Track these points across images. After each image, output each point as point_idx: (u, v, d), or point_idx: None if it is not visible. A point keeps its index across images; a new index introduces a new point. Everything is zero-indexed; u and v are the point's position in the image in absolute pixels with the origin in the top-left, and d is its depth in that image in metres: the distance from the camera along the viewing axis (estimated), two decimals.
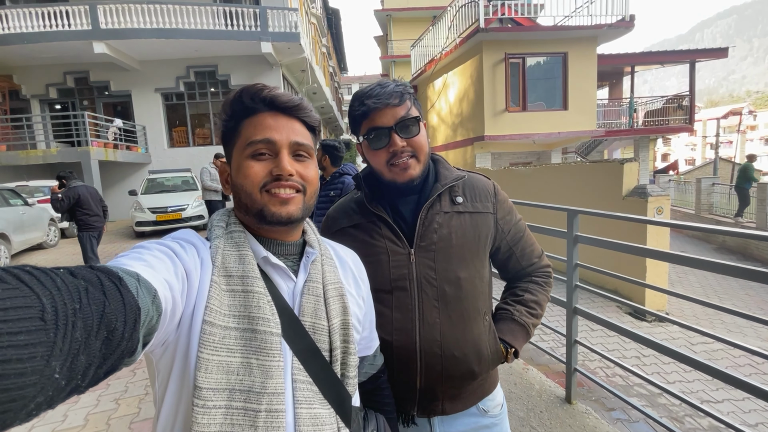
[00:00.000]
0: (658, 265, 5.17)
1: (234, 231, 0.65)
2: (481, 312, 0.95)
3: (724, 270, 1.59)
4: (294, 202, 0.65)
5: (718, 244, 9.76)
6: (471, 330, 0.93)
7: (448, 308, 0.91)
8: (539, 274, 1.07)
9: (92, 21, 10.23)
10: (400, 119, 0.88)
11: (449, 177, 0.97)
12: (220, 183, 0.72)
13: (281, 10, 11.23)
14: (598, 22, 8.96)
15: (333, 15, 23.22)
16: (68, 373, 0.33)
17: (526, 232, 1.05)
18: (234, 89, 2.67)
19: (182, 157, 12.33)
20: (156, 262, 0.53)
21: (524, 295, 1.04)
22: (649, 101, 13.99)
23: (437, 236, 0.92)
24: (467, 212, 0.96)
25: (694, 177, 15.19)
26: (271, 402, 0.56)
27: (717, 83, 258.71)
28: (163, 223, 8.46)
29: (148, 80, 12.33)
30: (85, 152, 9.61)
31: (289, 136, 0.65)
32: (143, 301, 0.43)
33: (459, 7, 9.58)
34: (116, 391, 2.72)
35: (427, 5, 20.08)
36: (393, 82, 0.92)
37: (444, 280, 0.91)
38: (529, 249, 1.05)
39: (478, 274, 0.95)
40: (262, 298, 0.59)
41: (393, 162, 0.90)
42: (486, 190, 1.00)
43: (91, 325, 0.35)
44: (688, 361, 1.80)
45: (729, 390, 3.54)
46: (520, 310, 1.02)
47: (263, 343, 0.57)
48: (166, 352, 0.56)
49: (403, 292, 0.92)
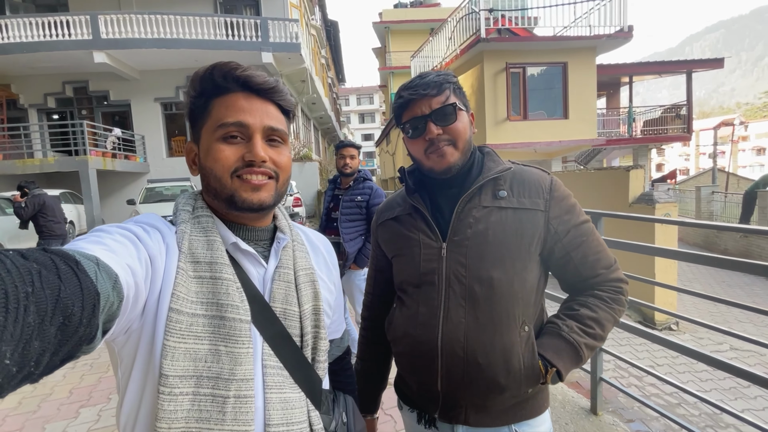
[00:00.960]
0: (668, 272, 5.12)
1: (201, 216, 0.63)
2: (518, 320, 0.85)
3: (739, 267, 1.60)
4: (266, 189, 0.63)
5: (720, 251, 9.75)
6: (501, 337, 0.83)
7: (476, 309, 0.84)
8: (605, 288, 0.90)
9: (93, 31, 10.26)
10: (435, 108, 0.85)
11: (494, 169, 0.89)
12: (187, 164, 0.68)
13: (282, 21, 11.33)
14: (597, 33, 9.08)
15: (332, 27, 23.50)
16: (20, 360, 0.31)
17: (590, 237, 0.90)
18: None
19: (181, 167, 12.23)
20: (117, 246, 0.50)
21: (580, 309, 0.88)
22: (648, 110, 14.14)
23: (471, 231, 0.85)
24: (510, 208, 0.86)
25: (690, 186, 15.30)
26: (240, 388, 0.55)
27: (707, 95, 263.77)
28: None
29: (148, 90, 12.33)
30: (83, 161, 9.51)
31: (263, 120, 0.62)
32: (102, 286, 0.41)
33: (459, 19, 9.69)
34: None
35: (425, 18, 20.37)
36: (434, 73, 0.88)
37: (474, 279, 0.84)
38: (594, 257, 0.89)
39: (518, 277, 0.85)
40: (230, 284, 0.58)
41: (430, 150, 0.87)
42: (538, 184, 0.89)
43: (45, 310, 0.34)
44: (716, 364, 1.73)
45: (748, 400, 3.46)
46: (570, 326, 0.87)
47: (232, 330, 0.56)
48: (129, 340, 0.55)
49: (431, 286, 0.87)
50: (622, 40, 9.14)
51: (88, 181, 9.49)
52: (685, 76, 12.61)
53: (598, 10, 9.03)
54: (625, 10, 8.94)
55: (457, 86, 0.89)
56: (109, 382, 2.87)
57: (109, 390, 2.77)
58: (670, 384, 2.02)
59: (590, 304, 0.89)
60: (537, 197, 0.87)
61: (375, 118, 52.95)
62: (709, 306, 6.01)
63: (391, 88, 20.29)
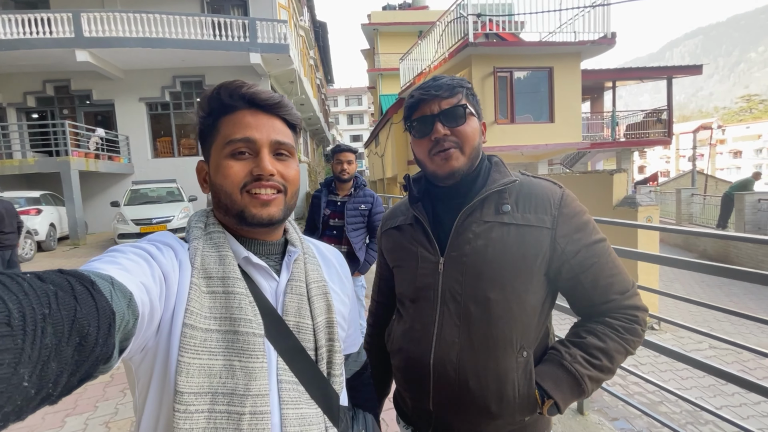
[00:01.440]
0: (650, 274, 5.26)
1: (213, 232, 0.64)
2: (515, 344, 0.79)
3: (718, 271, 1.66)
4: (275, 203, 0.63)
5: (700, 252, 10.06)
6: (496, 361, 0.79)
7: (470, 330, 0.80)
8: (618, 316, 0.81)
9: (75, 29, 10.01)
10: (445, 108, 0.82)
11: (498, 180, 0.83)
12: (198, 182, 0.69)
13: (270, 21, 11.25)
14: (581, 39, 9.28)
15: (320, 28, 23.43)
16: (38, 381, 0.32)
17: (604, 258, 0.81)
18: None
19: (167, 168, 12.05)
20: (131, 265, 0.51)
21: (588, 337, 0.81)
22: (630, 114, 14.49)
23: (470, 247, 0.81)
24: (513, 224, 0.80)
25: (670, 188, 15.73)
26: (255, 404, 0.55)
27: (687, 99, 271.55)
28: (148, 235, 8.18)
29: (133, 90, 12.10)
30: (64, 162, 9.28)
31: (270, 135, 0.63)
32: (118, 305, 0.42)
33: (448, 23, 9.78)
34: (106, 413, 2.55)
35: (413, 21, 20.49)
36: (449, 77, 0.85)
37: (470, 298, 0.80)
38: (606, 281, 0.80)
39: (518, 299, 0.79)
40: (243, 298, 0.58)
41: (436, 152, 0.83)
42: (546, 199, 0.82)
43: (62, 331, 0.34)
44: (695, 364, 1.81)
45: (726, 397, 3.59)
46: (574, 355, 0.79)
47: (245, 344, 0.56)
48: (145, 358, 0.55)
49: (427, 302, 0.84)
50: (606, 47, 9.36)
51: (69, 182, 9.25)
52: (665, 81, 12.98)
53: (583, 16, 9.24)
54: (608, 18, 9.17)
55: (470, 92, 0.86)
56: (94, 391, 2.82)
57: (95, 398, 2.72)
58: (651, 383, 2.10)
59: (599, 332, 0.80)
60: (544, 213, 0.81)
61: (363, 119, 52.94)
62: (689, 306, 6.19)
63: (379, 90, 20.33)
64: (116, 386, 2.87)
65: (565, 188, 0.85)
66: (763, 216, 9.33)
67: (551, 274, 0.82)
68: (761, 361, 4.35)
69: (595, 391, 0.81)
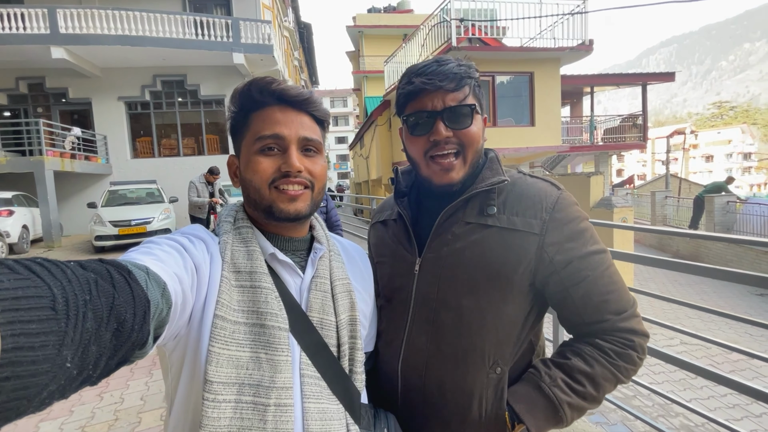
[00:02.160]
0: (625, 272, 5.44)
1: (242, 227, 0.65)
2: (488, 359, 0.72)
3: (693, 270, 1.70)
4: (302, 199, 0.65)
5: (673, 252, 10.44)
6: (464, 375, 0.72)
7: (439, 338, 0.74)
8: (611, 338, 0.71)
9: (51, 25, 9.71)
10: (449, 105, 0.72)
11: (487, 179, 0.76)
12: (229, 176, 0.71)
13: (254, 21, 11.16)
14: (560, 45, 9.54)
15: (305, 29, 23.33)
16: (80, 363, 0.34)
17: (600, 272, 0.71)
18: (204, 99, 2.59)
19: (146, 169, 11.80)
20: (166, 256, 0.53)
21: (573, 359, 0.71)
22: (608, 119, 14.94)
23: (447, 249, 0.75)
24: (496, 227, 0.73)
25: (646, 191, 16.25)
26: (280, 396, 0.56)
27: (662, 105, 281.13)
28: (126, 237, 8.00)
29: (111, 88, 11.80)
30: (38, 162, 8.97)
31: (298, 132, 0.65)
32: (152, 294, 0.44)
33: (431, 27, 9.91)
34: (82, 417, 2.50)
35: (398, 24, 20.61)
36: (456, 60, 0.74)
37: (442, 304, 0.74)
38: (600, 298, 0.70)
39: (493, 309, 0.72)
40: (269, 293, 0.60)
41: (433, 155, 0.74)
42: (538, 201, 0.73)
43: (101, 316, 0.36)
44: (666, 358, 1.89)
45: (696, 390, 3.75)
46: (554, 377, 0.71)
47: (271, 337, 0.58)
48: (178, 346, 0.57)
49: (400, 304, 0.79)
50: (584, 53, 9.64)
51: (44, 182, 8.95)
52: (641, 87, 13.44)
53: (562, 23, 9.50)
54: (586, 25, 9.46)
55: (477, 83, 0.76)
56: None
57: (71, 402, 2.66)
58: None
59: (586, 354, 0.71)
60: (532, 217, 0.72)
61: (348, 121, 52.92)
62: (662, 303, 6.42)
63: (364, 92, 20.36)
64: (92, 390, 2.81)
65: (564, 191, 0.76)
66: (732, 218, 9.75)
67: (538, 284, 0.73)
68: (728, 356, 4.55)
69: (575, 420, 0.72)
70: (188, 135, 12.86)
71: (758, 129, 74.81)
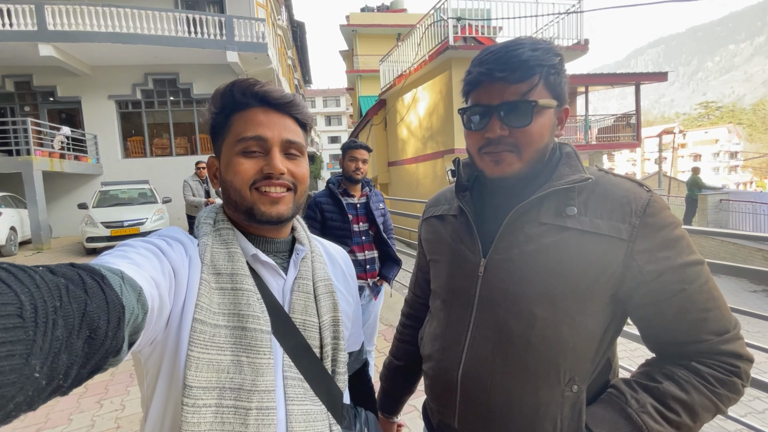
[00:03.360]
0: None
1: (222, 228, 0.64)
2: (563, 375, 0.65)
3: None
4: (284, 202, 0.64)
5: None
6: (536, 392, 0.66)
7: (506, 349, 0.68)
8: (711, 363, 0.63)
9: (38, 21, 9.49)
10: (508, 100, 0.65)
11: (567, 176, 0.68)
12: (208, 177, 0.70)
13: (248, 19, 11.03)
14: (556, 44, 9.59)
15: (298, 28, 23.19)
16: (49, 373, 0.32)
17: (698, 285, 0.63)
18: (196, 98, 2.56)
19: (138, 169, 11.60)
20: (141, 259, 0.52)
21: (664, 383, 0.63)
22: (601, 119, 15.07)
23: (518, 251, 0.68)
24: (577, 229, 0.65)
25: None
26: (262, 399, 0.56)
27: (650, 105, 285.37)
28: (119, 238, 7.82)
29: (101, 87, 11.57)
30: (26, 162, 8.76)
31: (281, 134, 0.64)
32: (127, 299, 0.42)
33: (427, 26, 9.89)
34: (82, 426, 2.40)
35: (392, 23, 20.59)
36: (531, 43, 0.65)
37: (512, 312, 0.67)
38: (698, 315, 0.62)
39: (570, 321, 0.65)
40: (251, 295, 0.59)
41: (486, 151, 0.70)
42: (627, 203, 0.65)
43: (72, 324, 0.34)
44: None
45: None
46: (643, 402, 0.63)
47: (253, 340, 0.57)
48: (154, 351, 0.55)
49: (461, 308, 0.73)
50: (579, 53, 9.70)
51: (32, 183, 8.73)
52: (632, 87, 13.58)
53: (557, 23, 9.54)
54: (581, 25, 9.51)
55: (554, 70, 0.66)
56: (67, 403, 2.65)
57: (70, 410, 2.56)
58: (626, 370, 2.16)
59: (682, 379, 0.63)
60: (620, 221, 0.64)
61: (342, 120, 52.74)
62: None
63: (358, 92, 20.30)
64: (92, 397, 2.71)
65: (654, 192, 0.68)
66: (724, 215, 9.90)
67: (622, 296, 0.66)
68: None
69: None
70: (181, 134, 12.67)
71: (744, 129, 76.41)
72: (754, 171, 61.64)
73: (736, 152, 63.11)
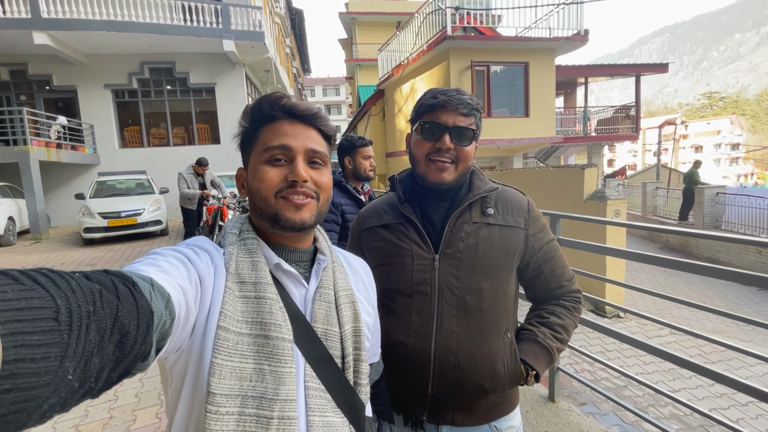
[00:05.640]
0: (617, 265, 5.50)
1: (247, 238, 0.66)
2: (502, 328, 0.94)
3: (683, 267, 1.76)
4: (308, 209, 0.66)
5: (662, 243, 10.60)
6: (489, 344, 0.92)
7: (467, 319, 0.91)
8: (568, 298, 1.03)
9: (32, 9, 9.36)
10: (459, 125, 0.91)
11: (482, 188, 0.97)
12: (236, 187, 0.73)
13: (244, 7, 10.88)
14: (556, 35, 9.47)
15: (297, 15, 22.85)
16: (81, 375, 0.33)
17: (557, 252, 1.02)
18: (193, 87, 2.58)
19: (135, 159, 11.58)
20: (170, 267, 0.53)
21: (550, 317, 1.00)
22: (601, 110, 14.96)
23: (463, 245, 0.92)
24: (497, 225, 0.95)
25: (637, 182, 16.42)
26: (284, 409, 0.56)
27: (653, 95, 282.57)
28: (116, 228, 7.88)
29: (97, 75, 11.47)
30: (23, 152, 8.75)
31: (305, 143, 0.66)
32: (156, 305, 0.44)
33: (426, 15, 9.76)
34: (76, 416, 2.47)
35: (393, 11, 20.29)
36: (469, 96, 0.94)
37: (466, 290, 0.91)
38: (560, 271, 1.02)
39: (502, 289, 0.94)
40: (274, 304, 0.60)
41: (433, 158, 0.92)
42: (519, 205, 0.99)
43: (104, 328, 0.35)
44: (655, 352, 1.93)
45: (684, 380, 3.84)
46: (544, 333, 0.98)
47: (275, 349, 0.57)
48: (180, 359, 0.56)
49: (424, 296, 0.92)
50: (579, 43, 9.59)
51: (29, 173, 8.74)
52: (634, 78, 13.44)
53: (557, 13, 9.41)
54: (581, 15, 9.38)
55: (480, 120, 0.97)
56: None
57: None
58: (616, 370, 2.22)
59: (558, 312, 1.01)
60: (519, 216, 0.97)
61: (341, 109, 52.35)
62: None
63: (357, 81, 20.11)
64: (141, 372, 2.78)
65: (527, 196, 1.04)
66: (720, 209, 9.91)
67: (521, 266, 0.99)
68: (716, 345, 4.66)
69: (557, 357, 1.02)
70: (178, 124, 12.61)
71: (746, 120, 75.81)
72: (756, 163, 61.37)
73: (738, 144, 62.69)
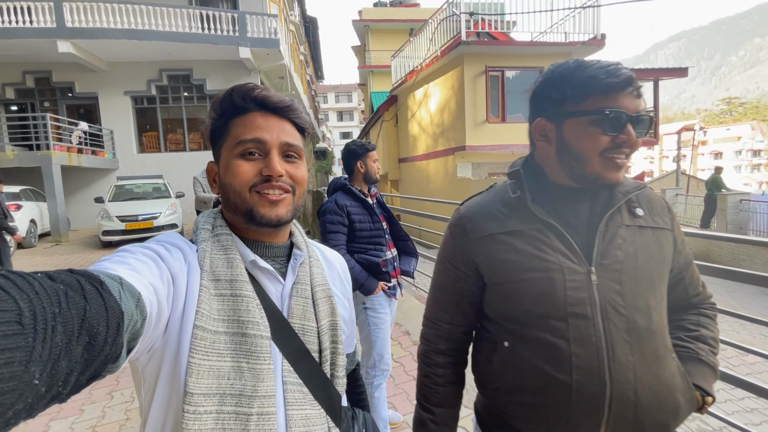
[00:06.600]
0: None
1: (221, 234, 0.64)
2: (670, 350, 0.77)
3: (706, 271, 1.66)
4: (283, 204, 0.64)
5: None
6: (665, 372, 0.74)
7: (641, 344, 0.72)
8: (707, 306, 0.89)
9: (57, 19, 9.69)
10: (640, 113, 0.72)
11: (629, 185, 0.79)
12: (207, 182, 0.70)
13: (260, 15, 11.08)
14: (572, 40, 9.37)
15: (311, 23, 23.18)
16: (48, 380, 0.32)
17: (692, 256, 0.87)
18: (210, 94, 2.58)
19: (153, 163, 11.81)
20: (140, 265, 0.51)
21: (700, 330, 0.85)
22: None
23: (622, 253, 0.74)
24: (649, 227, 0.79)
25: (655, 188, 16.04)
26: (262, 405, 0.56)
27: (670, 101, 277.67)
28: (133, 232, 8.01)
29: (117, 82, 11.79)
30: (45, 156, 9.00)
31: (280, 137, 0.64)
32: (126, 305, 0.42)
33: (440, 21, 9.77)
34: (93, 417, 2.47)
35: (405, 18, 20.45)
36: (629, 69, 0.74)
37: (633, 308, 0.73)
38: (697, 275, 0.88)
39: (663, 302, 0.78)
40: (251, 301, 0.59)
41: (610, 155, 0.72)
42: (661, 202, 0.84)
43: (71, 330, 0.34)
44: None
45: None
46: (704, 349, 0.83)
47: (253, 346, 0.57)
48: (152, 359, 0.55)
49: (584, 320, 0.72)
50: (596, 48, 9.47)
51: (51, 177, 8.97)
52: (651, 83, 13.20)
53: (573, 17, 9.32)
54: (598, 19, 9.27)
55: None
56: (79, 394, 2.73)
57: (81, 401, 2.64)
58: None
59: (704, 324, 0.87)
60: (665, 216, 0.82)
61: (353, 116, 52.73)
62: None
63: (370, 87, 20.25)
64: (102, 389, 2.79)
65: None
66: (745, 216, 9.60)
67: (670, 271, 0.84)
68: (744, 358, 4.46)
69: None
70: (194, 130, 12.85)
71: None
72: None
73: (759, 150, 61.01)
